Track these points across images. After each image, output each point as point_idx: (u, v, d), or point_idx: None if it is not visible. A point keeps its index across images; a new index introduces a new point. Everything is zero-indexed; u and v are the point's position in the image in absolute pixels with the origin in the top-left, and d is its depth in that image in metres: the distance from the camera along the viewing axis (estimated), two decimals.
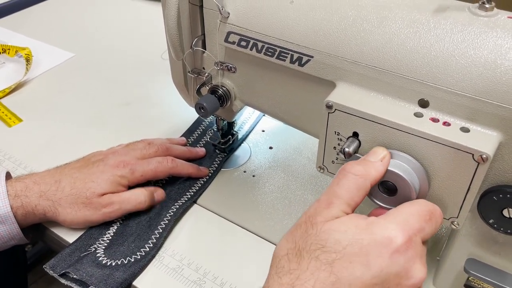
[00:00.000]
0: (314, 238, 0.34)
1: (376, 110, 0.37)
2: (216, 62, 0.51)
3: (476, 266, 0.42)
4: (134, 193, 0.54)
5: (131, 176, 0.54)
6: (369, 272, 0.32)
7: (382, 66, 0.38)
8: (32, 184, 0.52)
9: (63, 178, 0.53)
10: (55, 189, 0.52)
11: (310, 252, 0.33)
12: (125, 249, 0.52)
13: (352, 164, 0.37)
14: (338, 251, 0.32)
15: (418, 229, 0.34)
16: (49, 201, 0.51)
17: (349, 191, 0.35)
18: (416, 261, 0.33)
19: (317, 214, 0.35)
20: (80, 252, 0.51)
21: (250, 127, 0.70)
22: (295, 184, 0.61)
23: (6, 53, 0.86)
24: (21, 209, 0.51)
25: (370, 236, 0.33)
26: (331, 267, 0.32)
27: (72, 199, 0.52)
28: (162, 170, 0.56)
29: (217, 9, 0.45)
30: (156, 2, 1.06)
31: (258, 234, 0.55)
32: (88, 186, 0.52)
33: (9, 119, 0.72)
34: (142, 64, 0.86)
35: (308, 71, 0.43)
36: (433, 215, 0.35)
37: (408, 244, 0.33)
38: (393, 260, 0.32)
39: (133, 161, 0.55)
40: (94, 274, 0.48)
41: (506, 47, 0.34)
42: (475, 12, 0.37)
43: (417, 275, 0.33)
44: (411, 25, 0.38)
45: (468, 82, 0.35)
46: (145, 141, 0.60)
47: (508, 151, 0.35)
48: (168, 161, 0.57)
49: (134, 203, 0.53)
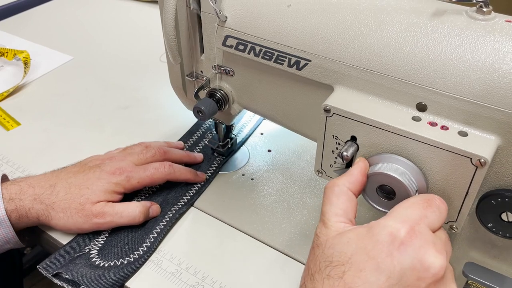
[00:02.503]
0: (321, 258, 0.34)
1: (374, 114, 0.37)
2: (214, 66, 0.51)
3: (475, 269, 0.42)
4: (128, 208, 0.53)
5: (127, 184, 0.54)
6: (382, 274, 0.31)
7: (380, 70, 0.38)
8: (27, 187, 0.52)
9: (58, 183, 0.53)
10: (49, 193, 0.52)
11: (321, 273, 0.33)
12: (119, 251, 0.52)
13: (330, 181, 0.38)
14: (345, 263, 0.32)
15: (419, 218, 0.33)
16: (42, 205, 0.51)
17: (331, 203, 0.36)
18: (428, 248, 0.31)
19: (319, 236, 0.35)
20: (74, 252, 0.51)
21: (250, 130, 0.70)
22: (293, 187, 0.61)
23: (4, 56, 0.86)
24: (15, 212, 0.51)
25: (372, 238, 0.32)
26: (344, 280, 0.32)
27: (66, 204, 0.51)
28: (159, 176, 0.56)
29: (214, 13, 0.45)
30: (154, 5, 1.06)
31: (256, 238, 0.54)
32: (82, 192, 0.52)
33: (7, 123, 0.72)
34: (140, 67, 0.85)
35: (306, 75, 0.43)
36: (431, 201, 0.34)
37: (412, 234, 0.32)
38: (402, 253, 0.31)
39: (130, 167, 0.55)
40: (86, 274, 0.49)
41: (504, 51, 0.34)
42: (473, 16, 0.37)
43: (435, 263, 0.31)
44: (408, 29, 0.38)
45: (466, 86, 0.35)
46: (143, 144, 0.60)
47: (506, 155, 0.35)
48: (166, 167, 0.56)
49: (127, 218, 0.53)
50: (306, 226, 0.56)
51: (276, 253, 0.53)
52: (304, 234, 0.55)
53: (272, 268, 0.51)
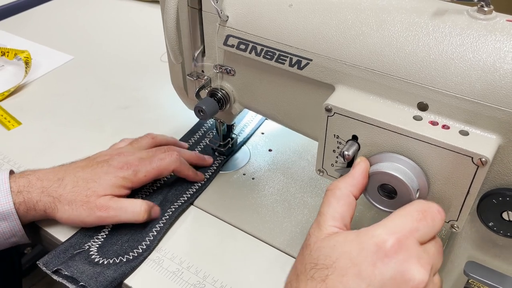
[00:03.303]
0: (308, 259, 0.34)
1: (375, 113, 0.37)
2: (215, 65, 0.51)
3: (476, 268, 0.42)
4: (133, 204, 0.53)
5: (135, 178, 0.54)
6: (363, 282, 0.31)
7: (381, 69, 0.38)
8: (35, 180, 0.52)
9: (67, 176, 0.53)
10: (57, 186, 0.52)
11: (306, 273, 0.33)
12: (118, 249, 0.52)
13: (332, 182, 0.38)
14: (329, 266, 0.33)
15: (409, 230, 0.33)
16: (50, 197, 0.52)
17: (330, 205, 0.36)
18: (411, 262, 0.32)
19: (311, 236, 0.36)
20: (74, 249, 0.52)
21: (252, 130, 0.70)
22: (294, 187, 0.61)
23: (5, 56, 0.86)
24: (23, 205, 0.51)
25: (358, 246, 0.33)
26: (326, 284, 0.32)
27: (72, 196, 0.52)
28: (165, 166, 0.56)
29: (216, 12, 0.45)
30: (155, 5, 1.06)
31: (257, 237, 0.55)
32: (89, 185, 0.52)
33: (8, 122, 0.72)
34: (141, 67, 0.86)
35: (307, 74, 0.43)
36: (426, 213, 0.34)
37: (397, 247, 0.32)
38: (385, 265, 0.32)
39: (136, 161, 0.55)
40: (85, 271, 0.49)
41: (505, 50, 0.34)
42: (474, 15, 0.37)
43: (415, 276, 0.31)
44: (410, 28, 0.38)
45: (467, 85, 0.35)
46: (149, 135, 0.61)
47: (507, 154, 0.35)
48: (172, 156, 0.56)
49: (131, 214, 0.53)
50: (307, 226, 0.56)
51: (277, 252, 0.53)
52: (305, 233, 0.54)
53: (272, 267, 0.51)
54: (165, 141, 0.62)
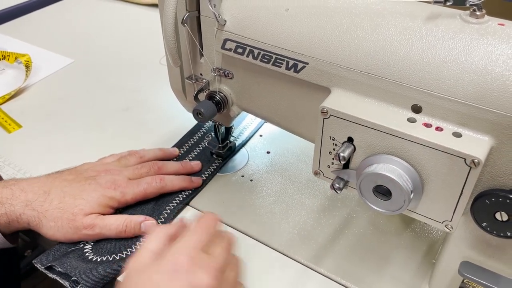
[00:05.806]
0: None
1: (370, 116, 0.38)
2: (213, 69, 0.51)
3: (471, 268, 0.43)
4: (117, 221, 0.53)
5: (122, 199, 0.54)
6: None
7: (376, 72, 0.39)
8: (19, 192, 0.52)
9: (53, 190, 0.52)
10: (42, 200, 0.52)
11: None
12: (112, 247, 0.52)
13: None
14: None
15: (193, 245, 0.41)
16: (34, 212, 0.51)
17: None
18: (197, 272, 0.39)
19: None
20: (68, 247, 0.52)
21: (250, 133, 0.70)
22: (292, 188, 0.61)
23: (6, 59, 0.87)
24: (5, 217, 0.50)
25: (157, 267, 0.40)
26: None
27: (58, 213, 0.51)
28: (151, 191, 0.56)
29: (214, 16, 0.46)
30: (153, 9, 1.07)
31: (255, 238, 0.55)
32: (77, 203, 0.52)
33: (9, 125, 0.72)
34: (140, 70, 0.86)
35: (303, 77, 0.43)
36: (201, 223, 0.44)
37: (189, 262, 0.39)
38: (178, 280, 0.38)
39: (124, 183, 0.55)
40: (78, 267, 0.49)
41: (497, 54, 0.35)
42: (466, 19, 0.37)
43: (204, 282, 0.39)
44: (403, 32, 0.38)
45: (460, 88, 0.35)
46: (137, 154, 0.60)
47: (499, 155, 0.36)
48: (157, 182, 0.57)
49: (115, 231, 0.52)
50: (304, 227, 0.56)
51: (275, 253, 0.54)
52: (303, 234, 0.55)
53: (271, 268, 0.52)
54: (152, 156, 0.62)
